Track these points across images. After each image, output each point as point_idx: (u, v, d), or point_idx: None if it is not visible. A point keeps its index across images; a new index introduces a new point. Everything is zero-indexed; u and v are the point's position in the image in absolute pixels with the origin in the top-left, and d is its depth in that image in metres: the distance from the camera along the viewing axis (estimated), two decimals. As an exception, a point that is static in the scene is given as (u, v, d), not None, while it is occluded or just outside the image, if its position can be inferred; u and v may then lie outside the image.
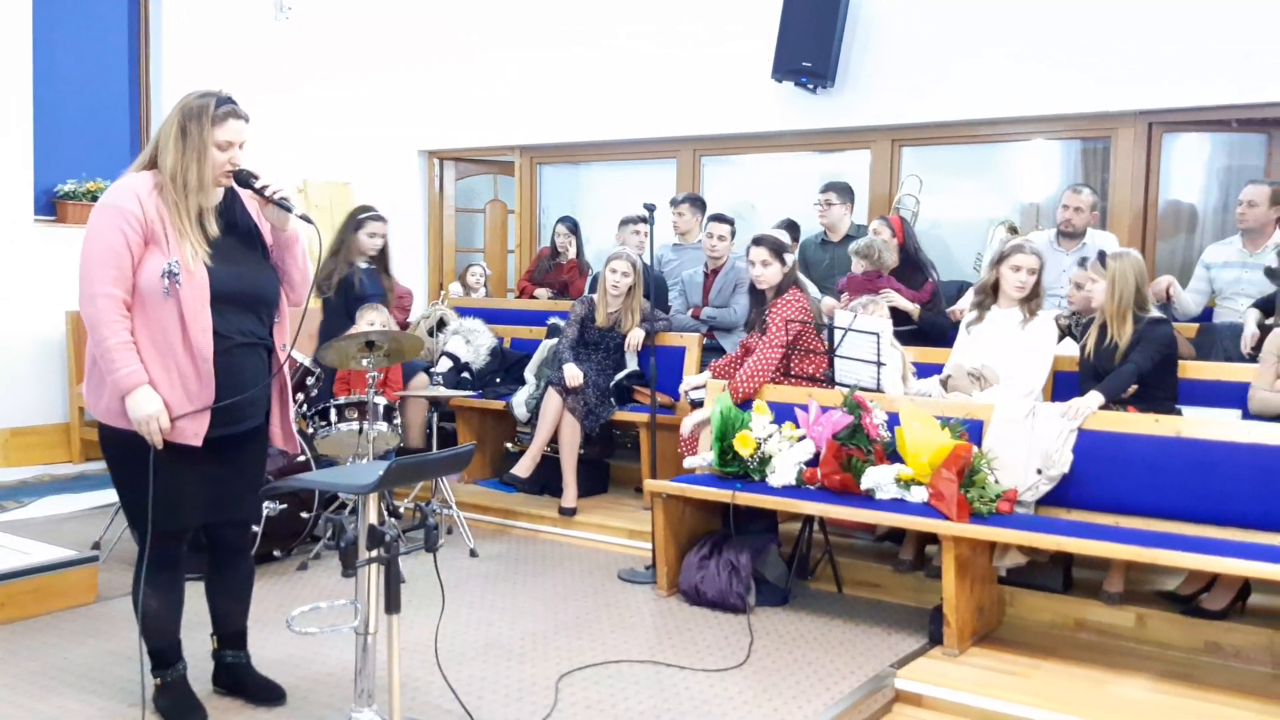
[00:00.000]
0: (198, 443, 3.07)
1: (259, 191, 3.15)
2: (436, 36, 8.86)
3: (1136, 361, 4.39)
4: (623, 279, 5.92)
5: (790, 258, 5.19)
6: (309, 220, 3.23)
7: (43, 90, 7.00)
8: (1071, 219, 5.73)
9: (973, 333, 4.96)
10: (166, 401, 3.01)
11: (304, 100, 8.21)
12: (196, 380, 3.05)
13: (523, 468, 5.84)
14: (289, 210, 3.19)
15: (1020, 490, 4.23)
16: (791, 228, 6.82)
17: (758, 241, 5.18)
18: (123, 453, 3.10)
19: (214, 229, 3.11)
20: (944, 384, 4.81)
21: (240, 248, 3.19)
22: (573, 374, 5.77)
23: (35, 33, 6.92)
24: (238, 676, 3.45)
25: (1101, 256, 4.68)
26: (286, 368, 3.40)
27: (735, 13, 7.47)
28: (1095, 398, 4.32)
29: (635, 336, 5.95)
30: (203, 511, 3.20)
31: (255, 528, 4.62)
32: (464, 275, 8.55)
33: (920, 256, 6.07)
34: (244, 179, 3.15)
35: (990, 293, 4.92)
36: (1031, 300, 4.82)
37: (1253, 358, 4.74)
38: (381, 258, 6.04)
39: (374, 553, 2.73)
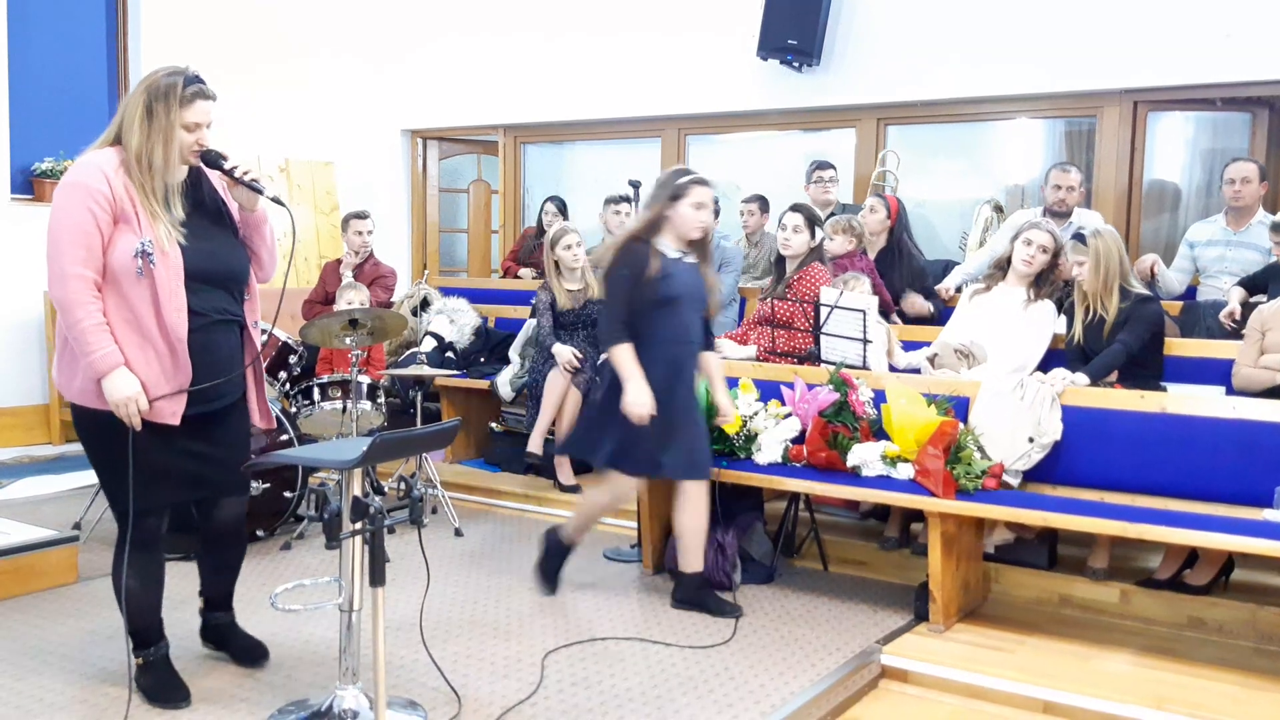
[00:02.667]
0: (175, 421, 3.06)
1: (228, 173, 3.12)
2: (419, 14, 8.77)
3: (1125, 341, 4.40)
4: (579, 247, 5.96)
5: (820, 232, 5.27)
6: (281, 203, 3.19)
7: (18, 67, 6.90)
8: (1065, 198, 5.69)
9: (975, 301, 4.98)
10: (143, 382, 2.99)
11: (286, 78, 8.13)
12: (172, 360, 3.03)
13: (536, 445, 5.88)
14: (259, 192, 3.15)
15: (1012, 461, 4.22)
16: (762, 203, 6.85)
17: (795, 209, 5.29)
18: (99, 434, 3.07)
19: (179, 209, 3.07)
20: (931, 361, 4.80)
21: (210, 225, 3.16)
22: (561, 352, 5.78)
23: (10, 8, 6.82)
24: (223, 634, 3.54)
25: (1080, 237, 4.69)
26: (265, 345, 3.37)
27: (721, -10, 7.42)
28: (1080, 378, 4.32)
29: None
30: (184, 489, 3.18)
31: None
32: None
33: (905, 241, 6.02)
34: (212, 160, 3.11)
35: (1004, 267, 4.95)
36: (1042, 285, 4.83)
37: (1234, 333, 4.76)
38: (701, 245, 4.12)
39: (358, 524, 2.70)
